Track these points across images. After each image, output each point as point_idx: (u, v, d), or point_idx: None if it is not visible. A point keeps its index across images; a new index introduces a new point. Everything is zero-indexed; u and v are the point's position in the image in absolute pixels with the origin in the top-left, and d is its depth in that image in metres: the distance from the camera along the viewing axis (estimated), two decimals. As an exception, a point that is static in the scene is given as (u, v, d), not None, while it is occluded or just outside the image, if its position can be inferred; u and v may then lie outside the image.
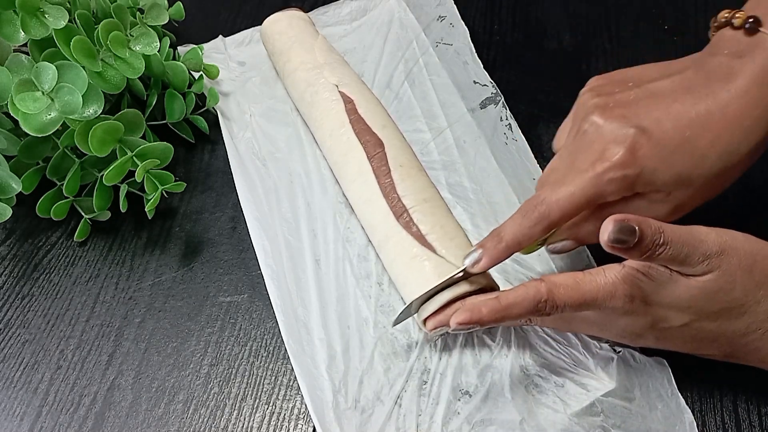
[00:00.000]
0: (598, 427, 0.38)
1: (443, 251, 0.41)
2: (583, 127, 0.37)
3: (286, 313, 0.43)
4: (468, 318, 0.34)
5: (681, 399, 0.38)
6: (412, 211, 0.43)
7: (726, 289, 0.32)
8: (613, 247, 0.30)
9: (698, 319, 0.33)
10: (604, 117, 0.37)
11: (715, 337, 0.34)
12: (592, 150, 0.36)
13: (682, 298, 0.33)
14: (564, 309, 0.34)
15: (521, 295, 0.34)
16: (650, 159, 0.35)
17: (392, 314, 0.43)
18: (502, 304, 0.34)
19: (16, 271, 0.48)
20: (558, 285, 0.34)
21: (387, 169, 0.45)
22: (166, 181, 0.47)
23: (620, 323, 0.35)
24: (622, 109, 0.37)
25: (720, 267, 0.32)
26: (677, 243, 0.31)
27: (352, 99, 0.49)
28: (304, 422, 0.40)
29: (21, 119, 0.42)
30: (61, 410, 0.42)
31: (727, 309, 0.33)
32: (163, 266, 0.48)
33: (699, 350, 0.36)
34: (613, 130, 0.36)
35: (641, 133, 0.35)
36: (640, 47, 0.59)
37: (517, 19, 0.62)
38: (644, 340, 0.36)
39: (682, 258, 0.31)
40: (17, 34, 0.44)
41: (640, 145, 0.35)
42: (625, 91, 0.38)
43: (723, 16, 0.38)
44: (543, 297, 0.33)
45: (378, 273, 0.45)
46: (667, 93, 0.37)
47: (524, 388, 0.39)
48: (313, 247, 0.46)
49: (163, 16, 0.55)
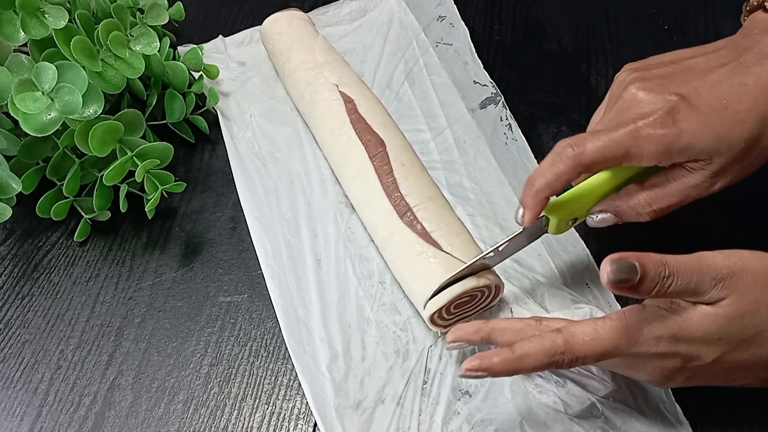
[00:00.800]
0: (597, 429, 0.38)
1: (449, 247, 0.41)
2: (623, 96, 0.38)
3: (287, 313, 0.43)
4: (477, 366, 0.33)
5: (679, 410, 0.38)
6: (416, 209, 0.43)
7: (751, 311, 0.31)
8: (618, 288, 0.29)
9: (730, 351, 0.32)
10: (642, 87, 0.37)
11: (749, 366, 0.33)
12: (631, 113, 0.36)
13: (711, 329, 0.31)
14: (585, 360, 0.32)
15: (536, 346, 0.32)
16: (689, 122, 0.35)
17: (394, 314, 0.43)
18: (514, 355, 0.32)
19: (16, 271, 0.48)
20: (576, 335, 0.32)
21: (389, 168, 0.45)
22: (166, 181, 0.47)
23: (648, 366, 0.33)
24: (660, 80, 0.37)
25: (736, 289, 0.31)
26: (684, 272, 0.30)
27: (353, 99, 0.49)
28: (304, 422, 0.40)
29: (21, 119, 0.42)
30: (61, 410, 0.42)
31: (758, 334, 0.31)
32: (163, 266, 0.48)
33: (734, 382, 0.34)
34: (653, 98, 0.36)
35: (680, 99, 0.35)
36: (640, 47, 0.58)
37: (517, 19, 0.62)
38: (674, 382, 0.34)
39: (693, 287, 0.30)
40: (17, 34, 0.44)
41: (679, 109, 0.35)
42: (663, 67, 0.38)
43: (755, 0, 0.39)
44: (559, 349, 0.32)
45: (380, 272, 0.45)
46: (702, 67, 0.37)
47: (525, 388, 0.39)
48: (314, 246, 0.46)
49: (163, 16, 0.55)
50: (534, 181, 0.36)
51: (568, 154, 0.35)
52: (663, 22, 0.60)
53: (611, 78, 0.44)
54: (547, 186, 0.35)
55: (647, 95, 0.37)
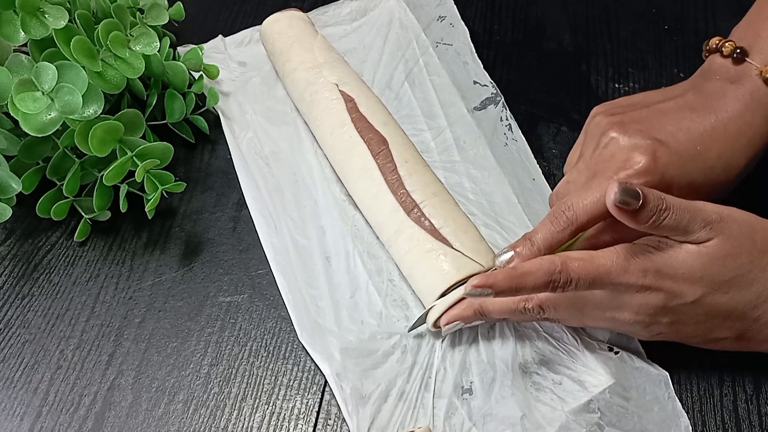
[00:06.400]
0: (594, 424, 0.38)
1: (458, 244, 0.41)
2: (603, 141, 0.40)
3: (298, 309, 0.43)
4: (483, 282, 0.34)
5: (678, 403, 0.39)
6: (423, 206, 0.43)
7: (733, 253, 0.34)
8: (620, 209, 0.32)
9: (710, 293, 0.34)
10: (622, 132, 0.39)
11: (728, 314, 0.35)
12: (615, 160, 0.38)
13: (694, 267, 0.34)
14: (578, 282, 0.34)
15: (536, 264, 0.34)
16: (669, 167, 0.38)
17: (404, 309, 0.44)
18: (517, 273, 0.34)
19: (16, 271, 0.48)
20: (572, 258, 0.35)
21: (393, 165, 0.45)
22: (166, 181, 0.47)
23: (634, 302, 0.35)
24: (638, 124, 0.40)
25: (722, 231, 0.33)
26: (679, 209, 0.33)
27: (353, 97, 0.49)
28: (304, 422, 0.40)
29: (21, 119, 0.42)
30: (61, 410, 0.42)
31: (738, 277, 0.34)
32: (163, 266, 0.48)
33: (712, 333, 0.36)
34: (634, 142, 0.38)
35: (660, 144, 0.38)
36: (640, 47, 0.59)
37: (517, 19, 0.62)
38: (658, 327, 0.36)
39: (685, 225, 0.33)
40: (17, 34, 0.44)
41: (660, 154, 0.38)
42: (636, 110, 0.41)
43: (714, 42, 0.42)
44: (557, 268, 0.34)
45: (389, 269, 0.45)
46: (674, 111, 0.40)
47: (524, 384, 0.40)
48: (322, 244, 0.47)
49: (163, 16, 0.55)
50: (535, 240, 0.37)
51: (563, 221, 0.37)
52: (663, 22, 0.60)
53: (611, 78, 0.44)
54: (547, 248, 0.37)
55: (627, 140, 0.39)
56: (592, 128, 0.42)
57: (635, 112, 0.41)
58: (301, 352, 0.43)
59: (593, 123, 0.42)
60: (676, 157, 0.38)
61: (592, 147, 0.41)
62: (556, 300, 0.37)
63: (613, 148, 0.39)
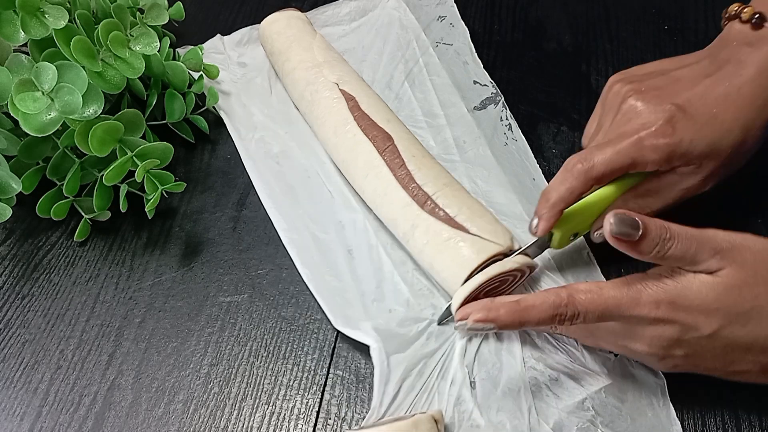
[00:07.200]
0: (587, 422, 0.38)
1: (475, 229, 0.41)
2: (623, 109, 0.40)
3: (326, 299, 0.43)
4: (485, 316, 0.34)
5: (672, 410, 0.38)
6: (436, 197, 0.43)
7: (750, 283, 0.32)
8: (619, 241, 0.31)
9: (727, 325, 0.32)
10: (641, 99, 0.40)
11: (748, 347, 0.33)
12: (633, 123, 0.39)
13: (709, 297, 0.32)
14: (586, 317, 0.33)
15: (540, 298, 0.33)
16: (687, 130, 0.38)
17: (431, 297, 0.44)
18: (520, 306, 0.34)
19: (16, 271, 0.48)
20: (579, 291, 0.33)
21: (401, 161, 0.45)
22: (166, 181, 0.47)
23: (647, 334, 0.34)
24: (655, 91, 0.40)
25: (734, 260, 0.32)
26: (685, 238, 0.31)
27: (354, 96, 0.49)
28: (304, 422, 0.40)
29: (21, 119, 0.42)
30: (61, 410, 0.42)
31: (757, 308, 0.32)
32: (163, 266, 0.48)
33: (732, 366, 0.35)
34: (652, 108, 0.39)
35: (677, 109, 0.38)
36: (640, 47, 0.59)
37: (517, 19, 0.62)
38: (673, 360, 0.35)
39: (692, 254, 0.32)
40: (17, 34, 0.44)
41: (677, 118, 0.38)
42: (653, 78, 0.41)
43: (733, 9, 0.42)
44: (563, 301, 0.33)
45: (412, 260, 0.45)
46: (690, 78, 0.41)
47: (526, 380, 0.40)
48: (342, 238, 0.47)
49: (163, 16, 0.55)
50: (549, 196, 0.38)
51: (578, 170, 0.37)
52: (663, 22, 0.60)
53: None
54: (562, 200, 0.38)
55: (646, 106, 0.39)
56: (611, 98, 0.42)
57: (652, 80, 0.41)
58: (301, 352, 0.43)
59: (612, 93, 0.42)
60: (693, 121, 0.38)
61: (612, 116, 0.41)
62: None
63: (631, 114, 0.40)
